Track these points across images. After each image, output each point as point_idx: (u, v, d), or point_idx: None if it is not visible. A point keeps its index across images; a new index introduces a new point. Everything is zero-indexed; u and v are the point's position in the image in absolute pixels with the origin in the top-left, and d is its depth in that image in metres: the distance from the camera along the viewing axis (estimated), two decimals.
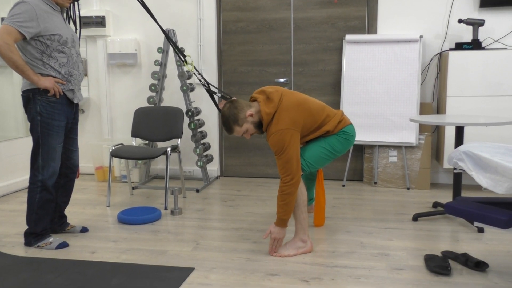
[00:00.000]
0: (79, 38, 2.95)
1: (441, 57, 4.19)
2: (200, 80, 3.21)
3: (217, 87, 3.47)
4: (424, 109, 4.18)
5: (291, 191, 2.52)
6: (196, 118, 4.44)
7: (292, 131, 2.52)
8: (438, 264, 2.41)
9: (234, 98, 2.81)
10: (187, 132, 4.69)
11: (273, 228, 2.61)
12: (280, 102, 2.57)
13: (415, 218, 3.26)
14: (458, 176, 3.23)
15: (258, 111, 2.61)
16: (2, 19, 4.36)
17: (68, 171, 3.00)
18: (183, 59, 3.59)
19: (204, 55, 4.59)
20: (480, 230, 3.01)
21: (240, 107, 2.60)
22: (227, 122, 2.60)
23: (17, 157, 4.28)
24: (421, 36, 4.09)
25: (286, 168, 2.51)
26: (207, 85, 3.15)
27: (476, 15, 4.12)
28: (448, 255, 2.57)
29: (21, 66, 2.57)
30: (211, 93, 3.08)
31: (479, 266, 2.43)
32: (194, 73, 3.27)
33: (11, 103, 4.46)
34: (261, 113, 2.58)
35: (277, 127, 2.52)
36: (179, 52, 3.33)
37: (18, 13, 2.55)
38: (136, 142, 4.15)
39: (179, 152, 3.86)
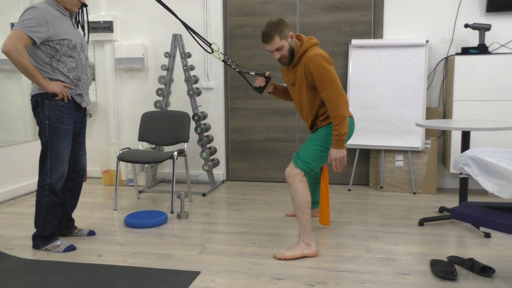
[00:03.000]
0: (88, 43, 2.99)
1: (447, 62, 4.19)
2: (230, 65, 3.24)
3: (247, 67, 3.52)
4: (430, 113, 4.18)
5: (342, 111, 2.60)
6: (202, 122, 4.46)
7: (328, 61, 2.66)
8: (444, 269, 2.41)
9: (268, 72, 2.97)
10: (193, 136, 4.71)
11: (332, 151, 2.68)
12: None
13: (421, 223, 3.25)
14: (464, 181, 3.22)
15: (297, 43, 2.74)
16: (13, 24, 4.42)
17: (76, 175, 3.02)
18: (209, 50, 3.61)
19: (210, 59, 4.62)
20: (487, 235, 3.00)
21: (287, 25, 2.71)
22: (271, 30, 2.66)
23: (26, 161, 4.32)
24: (427, 41, 4.10)
25: (334, 85, 2.61)
26: (238, 68, 3.20)
27: (483, 19, 4.11)
28: (454, 260, 2.56)
29: (30, 70, 2.61)
30: (243, 74, 3.14)
31: (485, 271, 2.43)
32: (223, 61, 3.28)
33: (20, 107, 4.51)
34: (302, 39, 2.72)
35: (317, 52, 2.65)
36: (204, 40, 3.34)
37: (28, 19, 2.59)
38: (143, 146, 4.18)
39: (186, 156, 3.89)
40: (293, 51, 2.72)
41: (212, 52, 3.31)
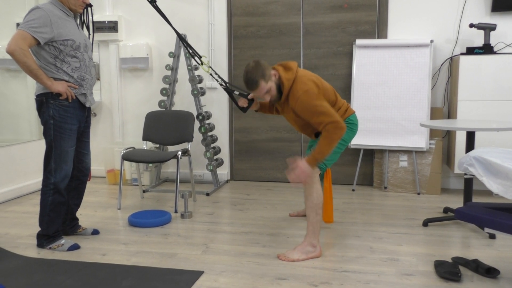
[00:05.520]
0: (92, 43, 3.00)
1: (452, 62, 4.17)
2: (217, 80, 3.21)
3: (234, 85, 3.46)
4: (434, 113, 4.16)
5: (337, 137, 2.50)
6: (206, 122, 4.47)
7: (316, 90, 2.55)
8: (448, 270, 2.40)
9: (252, 94, 2.87)
10: (197, 136, 4.72)
11: (302, 162, 2.55)
12: (297, 70, 2.62)
13: (425, 223, 3.24)
14: (469, 182, 3.21)
15: (278, 78, 2.62)
16: (18, 24, 4.44)
17: (80, 174, 3.04)
18: (199, 61, 3.60)
19: (215, 59, 4.62)
20: (492, 236, 2.98)
21: (266, 65, 2.58)
22: (253, 76, 2.54)
23: (31, 160, 4.34)
24: (431, 41, 4.08)
25: (327, 117, 2.50)
26: (224, 84, 3.17)
27: (488, 19, 4.09)
28: (459, 261, 2.55)
29: (34, 70, 2.62)
30: (229, 92, 3.09)
31: (490, 272, 2.42)
32: (211, 74, 3.27)
33: (25, 107, 4.53)
34: (281, 79, 2.59)
35: (301, 89, 2.54)
36: (195, 53, 3.34)
37: (32, 19, 2.60)
38: (147, 145, 4.19)
39: (190, 155, 3.89)
40: (279, 88, 2.63)
41: (202, 64, 3.28)
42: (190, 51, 3.40)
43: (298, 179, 2.56)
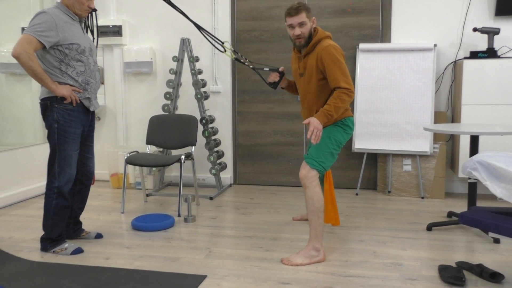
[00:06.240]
0: (97, 47, 3.01)
1: (456, 66, 4.17)
2: (243, 62, 3.25)
3: (260, 63, 3.54)
4: (438, 117, 4.16)
5: (346, 99, 2.64)
6: (210, 126, 4.48)
7: (341, 54, 2.72)
8: (452, 275, 2.39)
9: (282, 67, 3.01)
10: (201, 140, 4.73)
11: (313, 119, 2.62)
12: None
13: (429, 227, 3.23)
14: (473, 186, 3.20)
15: (315, 28, 2.80)
16: (24, 29, 4.47)
17: (84, 178, 3.04)
18: (221, 48, 3.61)
19: (218, 63, 4.64)
20: (496, 241, 2.97)
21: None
22: (300, 5, 2.74)
23: (35, 164, 4.35)
24: (435, 45, 4.08)
25: (345, 77, 2.65)
26: (251, 65, 3.23)
27: (492, 23, 4.09)
28: (463, 266, 2.54)
29: (40, 74, 2.64)
30: (257, 71, 3.15)
31: (494, 277, 2.40)
32: (237, 59, 3.28)
33: (30, 111, 4.55)
34: (317, 30, 2.78)
35: (331, 43, 2.71)
36: (216, 39, 3.36)
37: (38, 23, 2.62)
38: (150, 149, 4.20)
39: (193, 159, 3.90)
40: (311, 35, 2.77)
41: (225, 51, 3.33)
42: (210, 40, 3.42)
43: (316, 135, 2.62)
